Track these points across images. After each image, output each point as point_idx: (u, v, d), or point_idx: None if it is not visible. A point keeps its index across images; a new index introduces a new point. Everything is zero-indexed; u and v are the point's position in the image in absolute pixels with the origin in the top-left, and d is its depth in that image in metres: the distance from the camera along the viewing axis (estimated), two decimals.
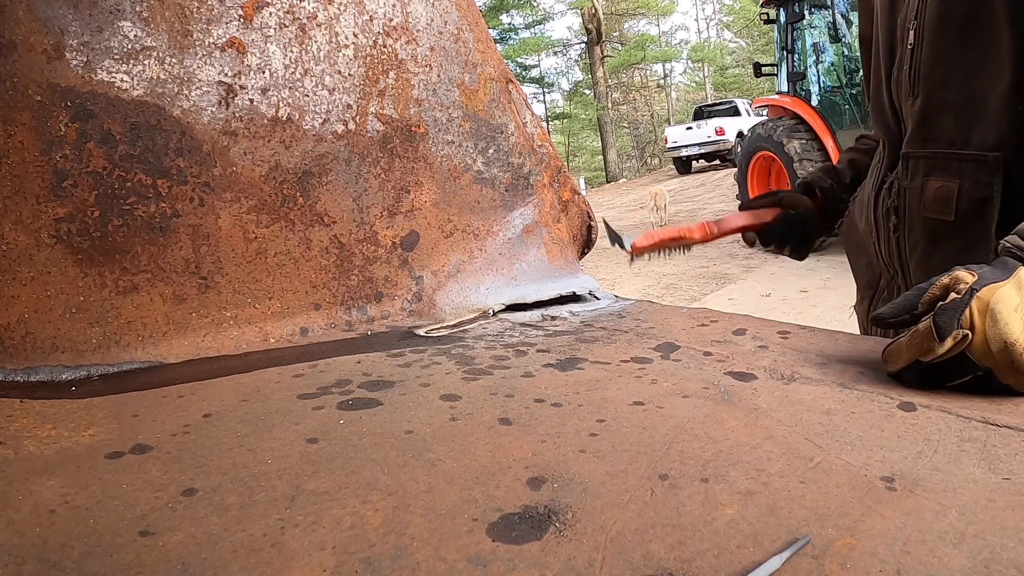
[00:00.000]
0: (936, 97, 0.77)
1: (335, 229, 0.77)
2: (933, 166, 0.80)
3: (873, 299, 0.96)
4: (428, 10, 0.83)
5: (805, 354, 0.63)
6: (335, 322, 0.77)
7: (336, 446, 0.47)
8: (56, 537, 0.37)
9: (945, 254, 0.79)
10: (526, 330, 0.76)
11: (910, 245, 0.84)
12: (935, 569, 0.31)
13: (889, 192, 0.87)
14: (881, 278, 0.94)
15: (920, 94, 0.79)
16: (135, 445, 0.48)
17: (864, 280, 0.99)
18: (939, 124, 0.78)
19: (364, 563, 0.33)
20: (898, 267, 0.88)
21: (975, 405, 0.49)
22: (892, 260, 0.89)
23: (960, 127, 0.76)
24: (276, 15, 0.73)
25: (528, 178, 0.91)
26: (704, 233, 1.00)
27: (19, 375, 0.63)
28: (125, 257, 0.67)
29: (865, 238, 0.95)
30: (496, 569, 0.33)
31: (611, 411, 0.51)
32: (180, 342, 0.69)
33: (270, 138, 0.73)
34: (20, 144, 0.63)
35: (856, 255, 1.01)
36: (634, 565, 0.32)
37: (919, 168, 0.82)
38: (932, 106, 0.78)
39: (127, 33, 0.66)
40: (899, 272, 0.88)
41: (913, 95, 0.80)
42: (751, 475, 0.40)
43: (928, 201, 0.80)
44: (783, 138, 6.23)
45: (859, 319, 1.03)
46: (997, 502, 0.36)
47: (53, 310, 0.65)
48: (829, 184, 1.07)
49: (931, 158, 0.80)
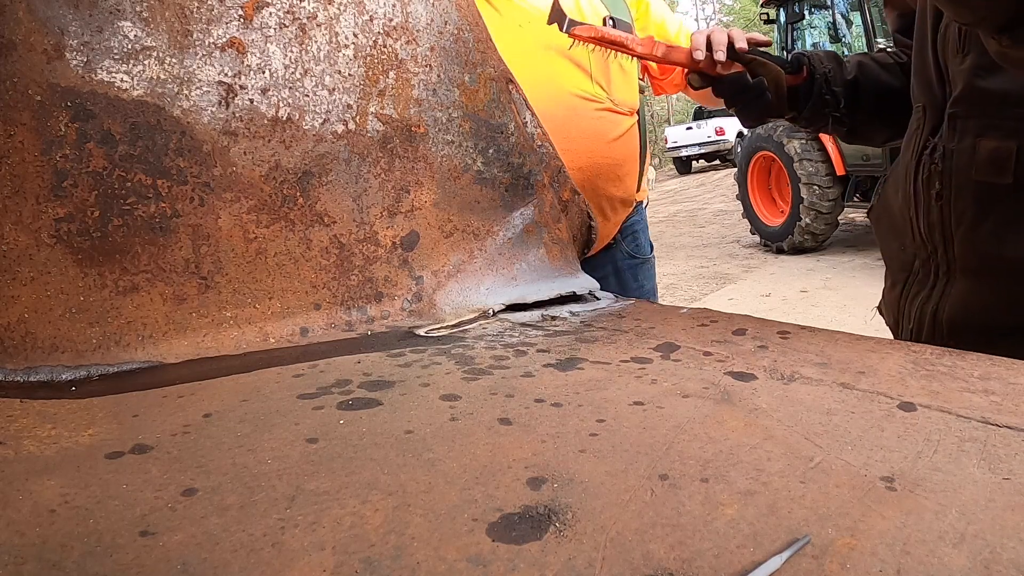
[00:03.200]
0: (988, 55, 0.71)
1: (335, 229, 0.77)
2: (986, 126, 0.74)
3: (906, 283, 0.90)
4: (428, 10, 0.83)
5: (805, 354, 0.63)
6: (335, 322, 0.77)
7: (336, 446, 0.47)
8: (56, 537, 0.37)
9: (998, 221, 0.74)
10: (526, 330, 0.76)
11: (956, 214, 0.78)
12: (935, 569, 0.31)
13: (931, 157, 0.81)
14: (915, 259, 0.88)
15: (971, 51, 0.74)
16: (135, 445, 0.48)
17: (897, 264, 0.93)
18: (991, 83, 0.73)
19: (364, 563, 0.33)
20: (939, 240, 0.82)
21: (975, 405, 0.49)
22: (932, 234, 0.82)
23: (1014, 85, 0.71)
24: (276, 15, 0.73)
25: (528, 178, 0.91)
26: (647, 48, 0.96)
27: (19, 375, 0.63)
28: (125, 257, 0.67)
29: (901, 215, 0.89)
30: (496, 569, 0.33)
31: (611, 411, 0.51)
32: (180, 342, 0.69)
33: (270, 138, 0.73)
34: (20, 144, 0.63)
35: (888, 239, 0.95)
36: (634, 565, 0.32)
37: (969, 128, 0.76)
38: (984, 64, 0.73)
39: (127, 33, 0.66)
40: (940, 247, 0.82)
41: (963, 51, 0.75)
42: (751, 475, 0.40)
43: (980, 163, 0.74)
44: (783, 138, 6.23)
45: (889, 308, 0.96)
46: (997, 502, 0.36)
47: (53, 310, 0.65)
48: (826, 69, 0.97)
49: (983, 117, 0.75)
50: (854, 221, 7.41)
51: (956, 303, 0.82)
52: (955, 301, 0.82)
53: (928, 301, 0.86)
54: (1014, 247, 0.74)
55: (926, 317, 0.86)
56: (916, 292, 0.88)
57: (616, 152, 1.39)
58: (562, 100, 1.31)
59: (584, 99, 1.33)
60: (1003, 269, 0.76)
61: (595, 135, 1.35)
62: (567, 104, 1.32)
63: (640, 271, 1.56)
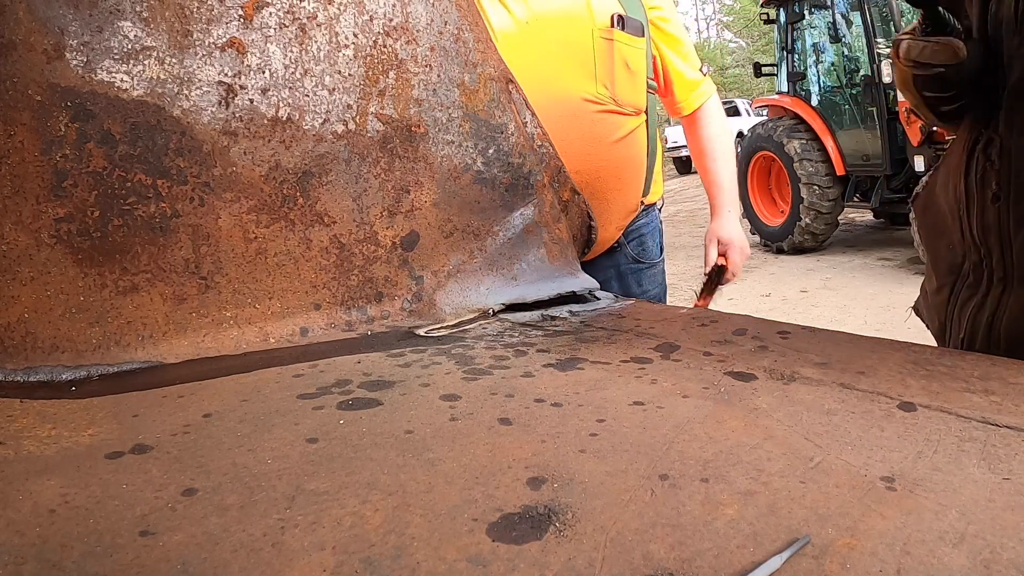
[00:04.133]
0: None
1: (335, 229, 0.77)
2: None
3: (954, 286, 0.82)
4: (428, 10, 0.83)
5: (805, 354, 0.63)
6: (335, 322, 0.77)
7: (336, 446, 0.47)
8: (56, 537, 0.37)
9: None
10: (526, 330, 0.76)
11: (1015, 217, 0.71)
12: (935, 569, 0.31)
13: (986, 152, 0.72)
14: (965, 261, 0.79)
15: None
16: (135, 445, 0.48)
17: (945, 265, 0.83)
18: None
19: (364, 563, 0.33)
20: (995, 244, 0.74)
21: (975, 405, 0.49)
22: (987, 237, 0.74)
23: None
24: (276, 15, 0.73)
25: (528, 178, 0.91)
26: None
27: (19, 375, 0.63)
28: (125, 257, 0.67)
29: (950, 213, 0.80)
30: (496, 569, 0.33)
31: (611, 411, 0.51)
32: (180, 342, 0.69)
33: (270, 138, 0.73)
34: (20, 144, 0.63)
35: (934, 236, 0.86)
36: (634, 565, 0.32)
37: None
38: None
39: (127, 33, 0.66)
40: (995, 252, 0.74)
41: (1021, 31, 0.67)
42: (751, 475, 0.40)
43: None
44: (783, 138, 6.24)
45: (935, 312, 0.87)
46: (997, 502, 0.36)
47: (53, 310, 0.65)
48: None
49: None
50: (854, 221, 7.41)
51: (1016, 314, 0.75)
52: (1015, 312, 0.75)
53: (982, 309, 0.78)
54: None
55: (980, 327, 0.79)
56: (968, 298, 0.80)
57: (618, 154, 1.36)
58: (563, 101, 1.29)
59: (585, 100, 1.31)
60: None
61: (595, 137, 1.33)
62: (568, 106, 1.30)
63: (644, 276, 1.52)
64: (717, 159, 1.55)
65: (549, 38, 1.29)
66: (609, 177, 1.36)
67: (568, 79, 1.30)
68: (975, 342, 0.80)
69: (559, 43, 1.29)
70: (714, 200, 1.56)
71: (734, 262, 1.54)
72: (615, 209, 1.41)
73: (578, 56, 1.30)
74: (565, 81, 1.30)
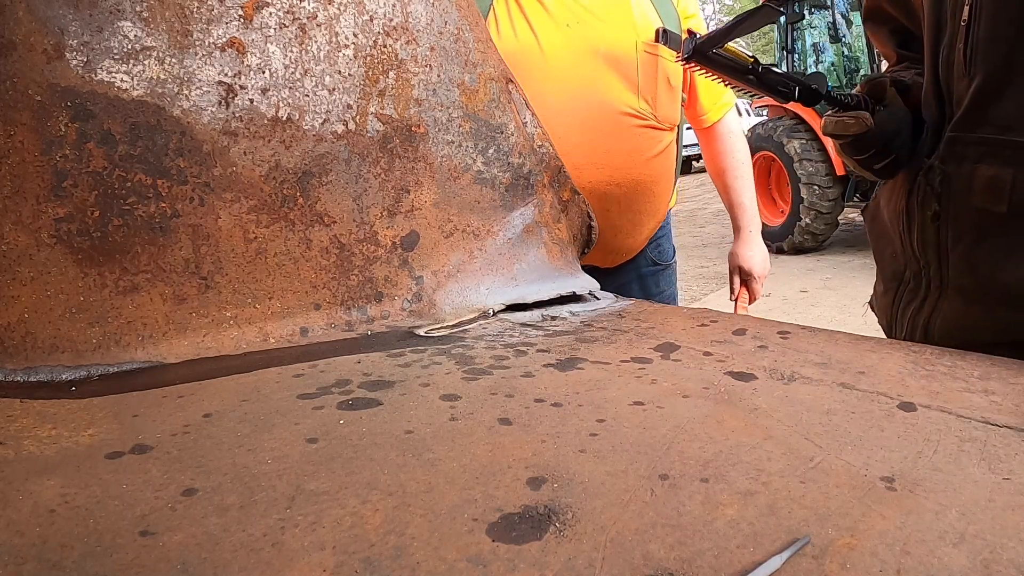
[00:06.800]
0: (995, 79, 0.72)
1: (335, 229, 0.77)
2: (984, 152, 0.74)
3: (898, 290, 0.91)
4: (428, 10, 0.83)
5: (805, 354, 0.63)
6: (335, 322, 0.77)
7: (336, 446, 0.47)
8: (56, 537, 0.37)
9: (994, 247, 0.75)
10: (526, 330, 0.76)
11: (953, 235, 0.78)
12: (935, 569, 0.31)
13: (927, 178, 0.81)
14: (907, 269, 0.88)
15: (977, 75, 0.73)
16: (135, 445, 0.48)
17: (889, 270, 0.93)
18: (995, 108, 0.73)
19: (364, 563, 0.33)
20: (933, 258, 0.82)
21: (975, 405, 0.49)
22: (926, 251, 0.83)
23: (1020, 112, 0.71)
24: (276, 15, 0.73)
25: (528, 178, 0.91)
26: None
27: (19, 375, 0.63)
28: (125, 257, 0.67)
29: (892, 227, 0.89)
30: (496, 569, 0.33)
31: (611, 411, 0.51)
32: (180, 342, 0.69)
33: (270, 138, 0.73)
34: (20, 144, 0.63)
35: (881, 244, 0.95)
36: (634, 565, 0.32)
37: (967, 154, 0.76)
38: (990, 89, 0.73)
39: (127, 33, 0.66)
40: (933, 264, 0.83)
41: (969, 75, 0.74)
42: (751, 475, 0.40)
43: (977, 190, 0.75)
44: (783, 138, 6.24)
45: (882, 312, 0.97)
46: (997, 502, 0.36)
47: (53, 310, 0.65)
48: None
49: (981, 144, 0.74)
50: (854, 221, 7.41)
51: (948, 320, 0.83)
52: (947, 317, 0.83)
53: (920, 312, 0.87)
54: (1010, 273, 0.74)
55: (918, 328, 0.87)
56: (908, 301, 0.89)
57: (654, 169, 1.35)
58: (605, 113, 1.27)
59: (626, 114, 1.28)
60: (997, 293, 0.76)
61: (635, 151, 1.30)
62: (608, 117, 1.27)
63: (662, 277, 1.54)
64: (739, 177, 1.54)
65: (590, 45, 1.25)
66: (645, 191, 1.35)
67: (607, 89, 1.27)
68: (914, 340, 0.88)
69: (601, 52, 1.26)
70: (737, 221, 1.57)
71: (755, 292, 1.60)
72: (646, 220, 1.41)
73: (620, 68, 1.27)
74: (605, 91, 1.27)
